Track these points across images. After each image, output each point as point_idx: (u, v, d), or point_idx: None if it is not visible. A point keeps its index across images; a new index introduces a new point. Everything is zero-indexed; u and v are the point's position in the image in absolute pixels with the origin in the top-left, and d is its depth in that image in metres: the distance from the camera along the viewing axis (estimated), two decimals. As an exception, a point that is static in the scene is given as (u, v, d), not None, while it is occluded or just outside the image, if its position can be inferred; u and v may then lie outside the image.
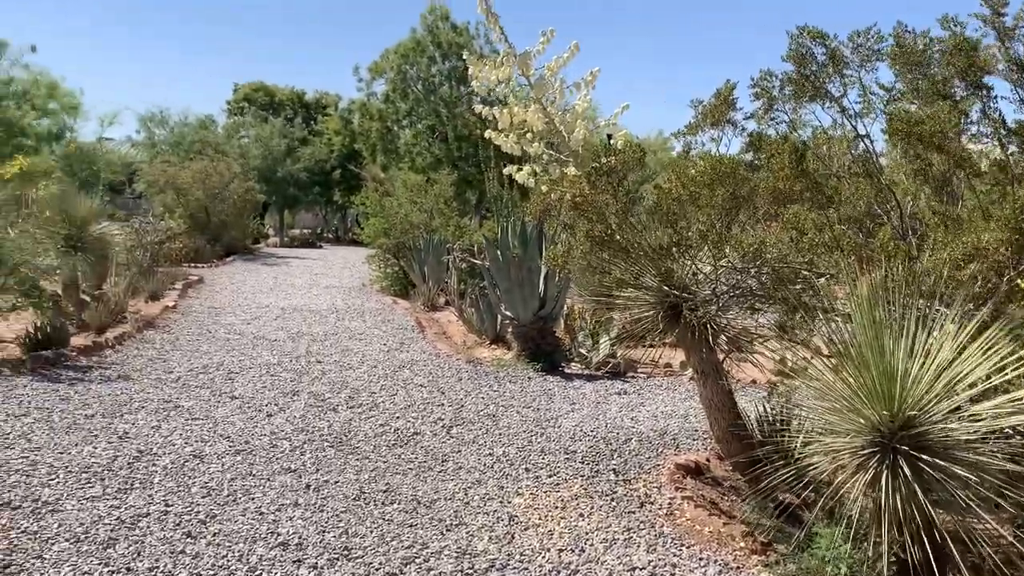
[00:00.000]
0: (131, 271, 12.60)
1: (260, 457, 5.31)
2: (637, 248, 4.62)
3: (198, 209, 21.98)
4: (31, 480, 4.68)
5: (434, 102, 24.74)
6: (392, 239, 15.71)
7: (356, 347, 9.60)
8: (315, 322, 11.46)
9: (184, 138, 29.12)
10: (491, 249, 9.20)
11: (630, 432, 6.20)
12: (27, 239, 7.53)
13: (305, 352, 9.12)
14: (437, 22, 24.66)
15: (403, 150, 25.61)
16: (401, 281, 15.69)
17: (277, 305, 13.09)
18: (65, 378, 7.22)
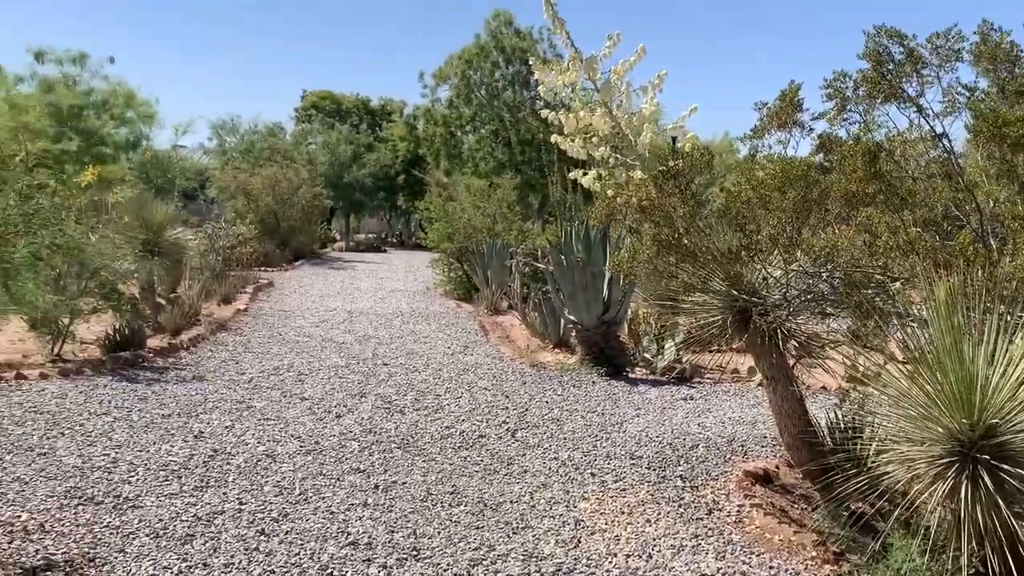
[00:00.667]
0: (204, 275, 12.99)
1: (330, 457, 5.42)
2: (705, 252, 4.58)
3: (268, 214, 22.51)
4: (112, 477, 4.86)
5: (497, 107, 24.88)
6: (455, 243, 15.85)
7: (421, 350, 9.72)
8: (381, 325, 11.63)
9: (254, 145, 29.88)
10: (555, 253, 9.21)
11: (697, 438, 6.13)
12: (107, 244, 7.83)
13: (372, 355, 9.26)
14: (501, 27, 24.80)
15: (467, 155, 25.81)
16: (464, 285, 15.81)
17: (344, 308, 13.33)
18: (143, 378, 7.48)
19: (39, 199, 3.66)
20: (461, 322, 12.35)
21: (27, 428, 5.69)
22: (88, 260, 7.32)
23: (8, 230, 3.56)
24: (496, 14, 24.83)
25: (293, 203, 23.28)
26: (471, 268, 15.46)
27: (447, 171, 26.31)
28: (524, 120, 24.39)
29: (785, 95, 4.89)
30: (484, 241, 15.20)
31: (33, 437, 5.50)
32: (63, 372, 7.33)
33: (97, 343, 8.55)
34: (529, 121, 24.19)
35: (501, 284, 14.50)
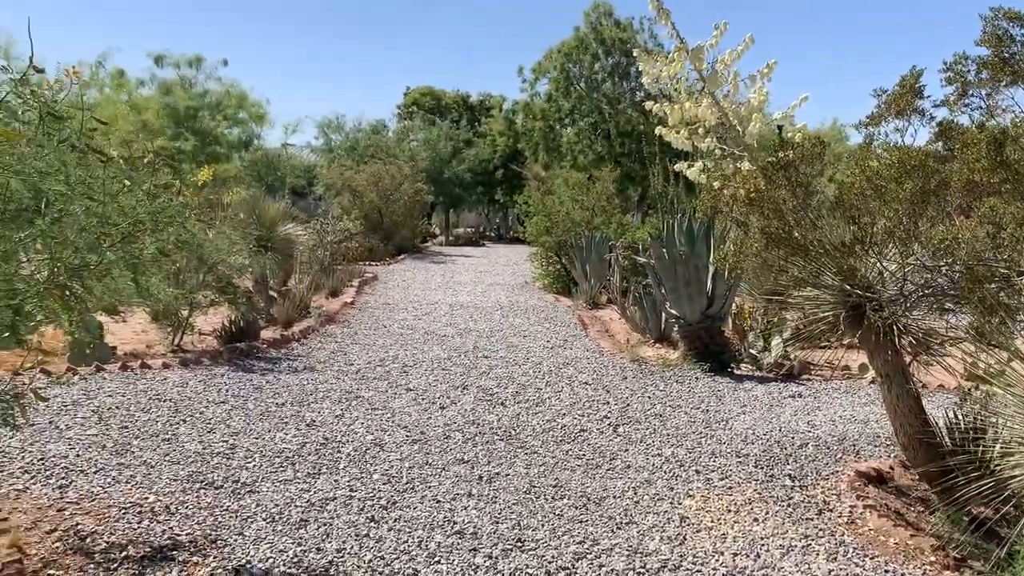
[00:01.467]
0: (313, 269, 13.43)
1: (435, 447, 5.53)
2: (817, 245, 4.44)
3: (372, 210, 23.09)
4: (231, 462, 5.09)
5: (597, 99, 24.77)
6: (554, 237, 15.86)
7: (521, 344, 9.78)
8: (481, 319, 11.76)
9: (358, 143, 30.67)
10: (656, 246, 9.10)
11: (806, 437, 5.96)
12: (223, 240, 8.18)
13: (472, 348, 9.38)
14: (601, 19, 24.68)
15: (565, 148, 25.81)
16: (563, 279, 15.81)
17: (445, 302, 13.54)
18: (257, 368, 7.80)
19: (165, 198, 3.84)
20: (560, 316, 12.36)
21: (152, 415, 6.02)
22: (206, 255, 7.68)
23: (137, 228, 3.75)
24: (596, 6, 24.72)
25: (396, 199, 23.81)
26: (570, 262, 15.44)
27: (545, 165, 26.39)
28: (624, 112, 24.22)
29: (905, 81, 4.67)
30: (583, 235, 15.16)
31: (157, 423, 5.82)
32: (183, 362, 7.72)
33: (214, 334, 8.96)
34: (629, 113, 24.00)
35: (600, 278, 14.42)
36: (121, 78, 21.35)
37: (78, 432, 5.49)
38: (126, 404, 6.23)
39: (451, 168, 31.50)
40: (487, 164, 33.77)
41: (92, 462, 4.93)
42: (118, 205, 3.60)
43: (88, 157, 3.56)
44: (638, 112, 23.83)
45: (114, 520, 4.12)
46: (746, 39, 4.52)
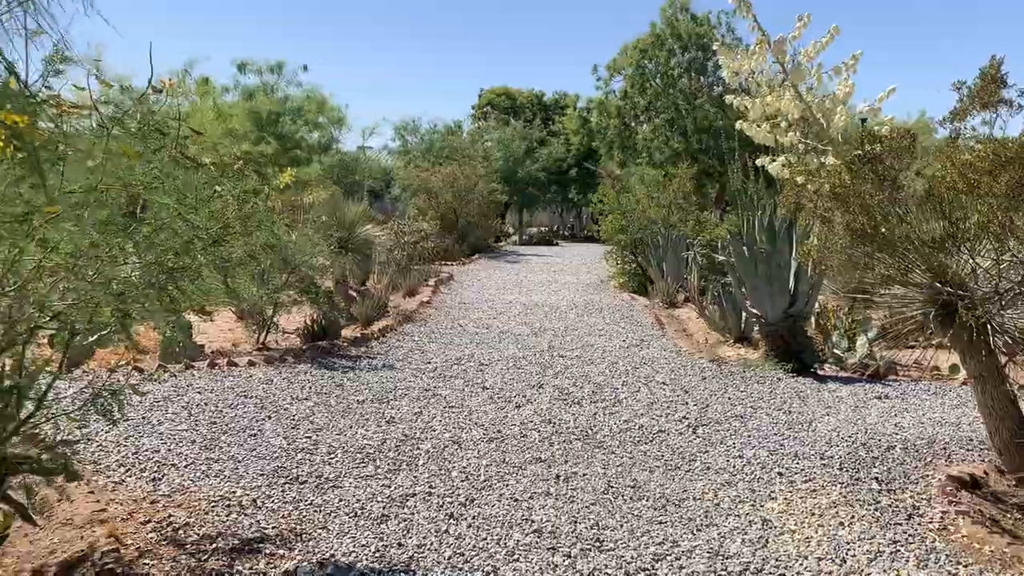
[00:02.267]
0: (391, 269, 13.66)
1: (512, 446, 5.56)
2: (905, 241, 4.30)
3: (447, 211, 23.35)
4: (314, 458, 5.23)
5: (673, 95, 24.49)
6: (629, 235, 15.75)
7: (596, 343, 9.75)
8: (555, 318, 11.77)
9: (434, 144, 31.03)
10: (736, 244, 8.95)
11: (893, 439, 5.78)
12: (306, 241, 8.40)
13: (547, 347, 9.40)
14: (677, 14, 24.39)
15: (641, 145, 25.61)
16: (638, 278, 15.69)
17: (520, 301, 13.59)
18: (338, 366, 7.99)
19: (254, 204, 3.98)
20: (636, 315, 12.26)
21: (239, 411, 6.23)
22: (290, 257, 7.90)
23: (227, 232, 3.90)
24: (672, 1, 24.43)
25: (470, 199, 24.00)
26: (645, 260, 15.31)
27: (620, 163, 26.22)
28: (701, 107, 23.87)
29: (985, 73, 4.49)
30: (659, 232, 15.02)
31: (244, 419, 6.02)
32: (268, 359, 7.96)
33: (297, 333, 9.21)
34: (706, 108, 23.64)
35: (677, 276, 14.27)
36: (206, 85, 22.10)
37: (169, 427, 5.73)
38: (214, 400, 6.46)
39: (525, 168, 31.58)
40: (561, 163, 33.74)
41: (183, 456, 5.14)
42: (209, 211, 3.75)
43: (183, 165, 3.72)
44: (716, 107, 23.48)
45: (204, 512, 4.28)
46: (831, 30, 4.41)
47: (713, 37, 23.55)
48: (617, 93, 26.90)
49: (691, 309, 12.53)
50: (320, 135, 25.88)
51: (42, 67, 3.35)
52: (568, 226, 40.93)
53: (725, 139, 17.77)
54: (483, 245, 24.96)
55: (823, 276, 8.15)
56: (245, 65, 23.73)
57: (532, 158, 32.25)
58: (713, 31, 23.95)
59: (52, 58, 3.37)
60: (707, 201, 22.28)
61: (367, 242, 12.26)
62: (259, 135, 21.44)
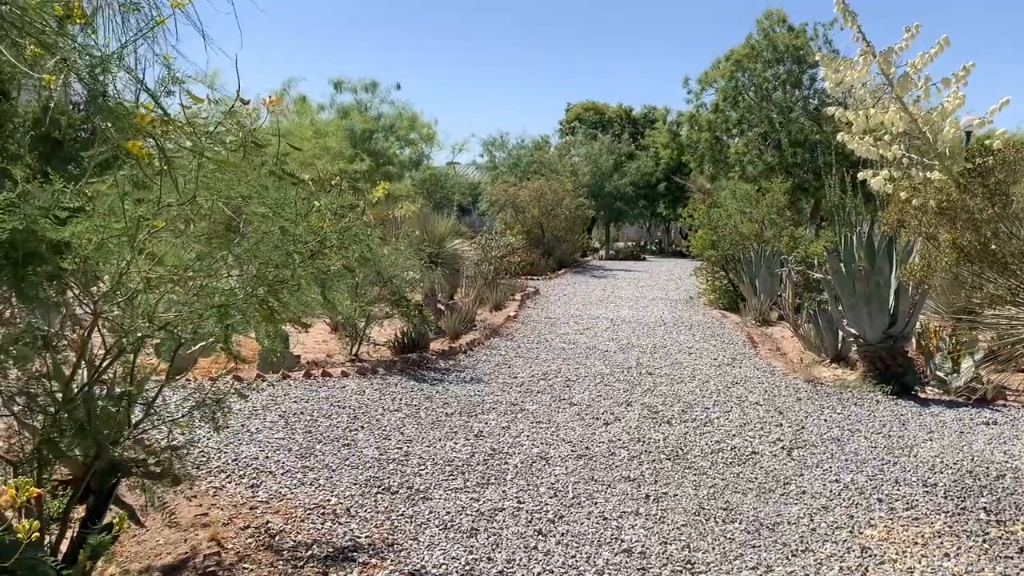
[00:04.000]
0: (478, 283, 13.79)
1: (600, 463, 5.52)
2: (1018, 259, 4.10)
3: (534, 225, 23.44)
4: (405, 469, 5.31)
5: (767, 108, 24.03)
6: (720, 251, 15.47)
7: (686, 361, 9.60)
8: (643, 334, 11.64)
9: (521, 159, 31.24)
10: (833, 261, 8.68)
11: (1003, 467, 5.49)
12: (398, 255, 8.56)
13: (635, 364, 9.30)
14: (773, 26, 23.99)
15: (733, 159, 25.21)
16: (730, 294, 15.37)
17: (606, 316, 13.51)
18: (428, 378, 8.10)
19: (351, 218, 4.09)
20: (727, 333, 12.03)
21: (333, 421, 6.38)
22: (382, 270, 8.07)
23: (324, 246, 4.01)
24: (768, 13, 24.12)
25: (557, 214, 24.03)
26: (737, 276, 14.99)
27: (711, 177, 25.86)
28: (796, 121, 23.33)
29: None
30: (751, 248, 14.70)
31: (338, 429, 6.16)
32: (360, 371, 8.13)
33: (387, 345, 9.39)
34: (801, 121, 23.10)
35: (770, 294, 13.92)
36: (304, 104, 22.85)
37: (267, 435, 5.91)
38: (309, 410, 6.64)
39: (612, 182, 31.46)
40: (649, 177, 33.49)
41: (280, 464, 5.29)
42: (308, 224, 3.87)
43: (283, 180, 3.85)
44: (811, 121, 22.93)
45: (300, 520, 4.40)
46: (940, 41, 4.25)
47: (809, 49, 23.04)
48: (708, 106, 26.57)
49: (785, 327, 12.20)
50: (411, 151, 26.39)
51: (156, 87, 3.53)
52: (656, 241, 40.51)
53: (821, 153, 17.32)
54: (569, 260, 24.93)
55: (925, 295, 7.83)
56: (341, 84, 24.45)
57: (620, 172, 32.11)
58: (810, 43, 23.43)
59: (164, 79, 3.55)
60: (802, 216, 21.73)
61: (455, 256, 12.42)
62: (353, 152, 22.02)
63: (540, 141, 35.12)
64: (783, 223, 14.89)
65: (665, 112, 37.29)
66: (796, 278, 12.78)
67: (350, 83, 24.51)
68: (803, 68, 23.45)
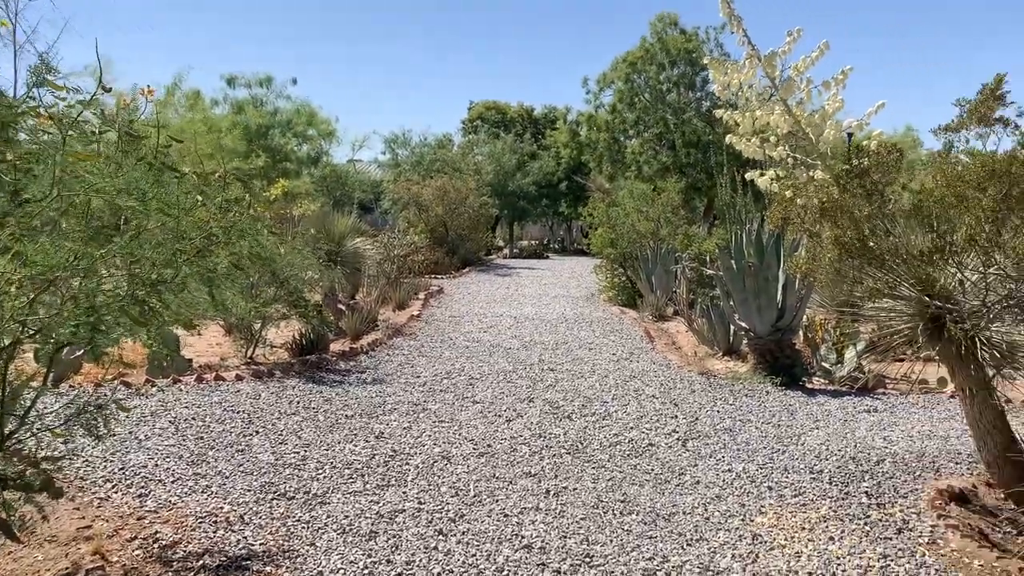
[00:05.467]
0: (380, 282, 13.60)
1: (502, 460, 5.51)
2: (893, 255, 4.29)
3: (437, 224, 23.32)
4: (302, 473, 5.16)
5: (661, 109, 24.60)
6: (618, 249, 15.75)
7: (586, 356, 9.71)
8: (546, 331, 11.72)
9: (424, 157, 31.04)
10: (724, 257, 8.94)
11: (883, 453, 5.75)
12: (295, 255, 8.34)
13: (538, 360, 9.35)
14: (666, 29, 24.55)
15: (630, 159, 25.70)
16: (628, 291, 15.67)
17: (510, 314, 13.55)
18: (327, 380, 7.92)
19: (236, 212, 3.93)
20: (625, 328, 12.24)
21: (227, 426, 6.15)
22: (278, 270, 7.84)
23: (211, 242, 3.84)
24: (661, 16, 24.64)
25: (461, 212, 23.99)
26: (635, 274, 15.30)
27: (610, 176, 26.30)
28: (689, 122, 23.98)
29: (986, 88, 4.50)
30: (648, 246, 15.02)
31: (232, 435, 5.94)
32: (256, 374, 7.88)
33: (285, 347, 9.14)
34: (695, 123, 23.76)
35: (666, 290, 14.26)
36: (196, 98, 22.05)
37: (156, 443, 5.65)
38: (201, 415, 6.39)
39: (515, 181, 31.64)
40: (551, 176, 33.83)
41: (170, 472, 5.06)
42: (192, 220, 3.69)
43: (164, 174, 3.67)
44: (704, 122, 23.62)
45: (191, 529, 4.21)
46: (820, 45, 4.41)
47: (702, 52, 23.71)
48: (607, 107, 27.01)
49: (680, 322, 12.52)
50: (310, 148, 25.86)
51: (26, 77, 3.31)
52: (559, 239, 40.99)
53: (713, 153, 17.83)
54: (474, 258, 24.93)
55: (811, 290, 8.15)
56: (234, 79, 23.74)
57: (523, 171, 32.33)
58: (702, 46, 24.10)
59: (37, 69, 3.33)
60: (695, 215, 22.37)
61: (357, 255, 12.20)
62: (249, 148, 21.39)
63: (443, 139, 34.96)
64: (678, 221, 15.27)
65: (565, 112, 37.75)
66: (690, 274, 13.12)
67: (244, 78, 23.84)
68: (696, 70, 24.12)
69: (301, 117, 24.63)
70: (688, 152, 24.28)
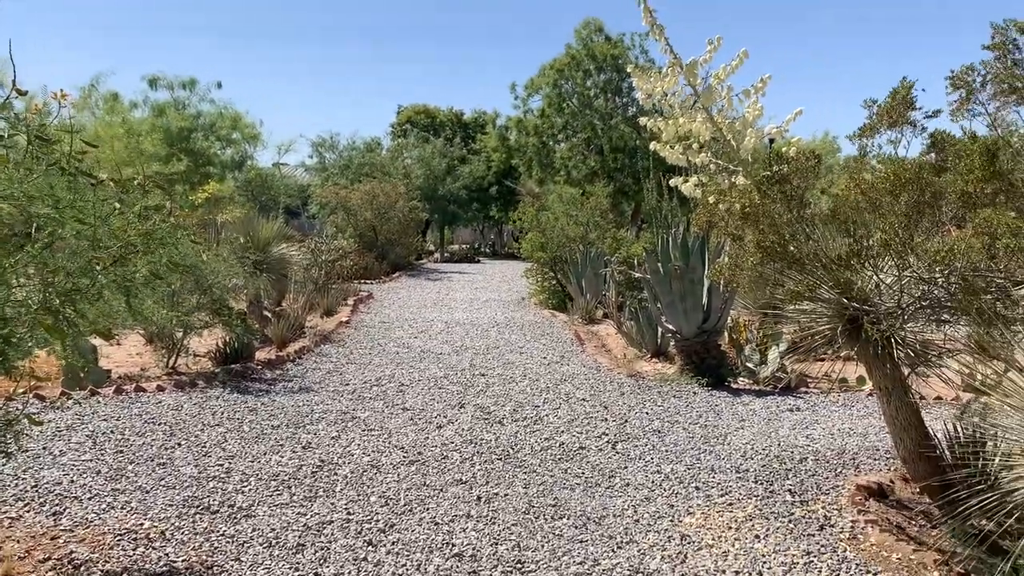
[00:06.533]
0: (308, 288, 13.38)
1: (432, 468, 5.47)
2: (813, 259, 4.42)
3: (366, 228, 23.07)
4: (226, 486, 5.03)
5: (589, 115, 24.88)
6: (549, 253, 15.84)
7: (517, 360, 9.73)
8: (477, 336, 11.71)
9: (352, 161, 30.68)
10: (651, 261, 9.08)
11: (805, 451, 5.92)
12: (219, 262, 8.14)
13: (469, 365, 9.33)
14: (591, 35, 24.82)
15: (559, 164, 25.90)
16: (559, 295, 15.78)
17: (441, 319, 13.49)
18: (252, 390, 7.74)
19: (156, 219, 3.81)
20: (556, 332, 12.32)
21: (147, 439, 5.96)
22: (202, 277, 7.64)
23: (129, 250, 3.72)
24: (586, 22, 24.91)
25: (390, 217, 23.79)
26: (565, 277, 15.41)
27: (540, 180, 26.46)
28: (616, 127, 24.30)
29: (897, 92, 4.67)
30: (577, 250, 15.15)
31: (152, 447, 5.76)
32: (178, 384, 7.65)
33: (209, 356, 8.90)
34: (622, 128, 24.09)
35: (596, 293, 14.40)
36: (115, 101, 21.34)
37: (72, 458, 5.43)
38: (121, 428, 6.17)
39: (446, 185, 31.56)
40: (481, 181, 33.85)
41: (87, 488, 4.87)
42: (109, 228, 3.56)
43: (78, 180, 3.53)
44: (631, 127, 23.96)
45: (109, 547, 4.06)
46: (740, 54, 4.51)
47: (628, 59, 24.06)
48: (535, 112, 27.17)
49: (610, 325, 12.66)
50: (234, 151, 25.30)
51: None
52: (490, 243, 41.05)
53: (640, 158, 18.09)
54: (404, 263, 24.76)
55: (735, 292, 8.34)
56: (156, 80, 23.05)
57: (453, 176, 32.26)
58: (628, 52, 24.46)
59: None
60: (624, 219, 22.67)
61: (283, 261, 11.98)
62: (170, 152, 20.81)
63: (372, 143, 34.65)
64: (606, 225, 15.46)
65: (495, 117, 37.80)
66: (619, 278, 13.29)
67: (166, 79, 23.16)
68: (622, 76, 24.46)
69: (225, 120, 24.08)
70: (616, 157, 24.60)
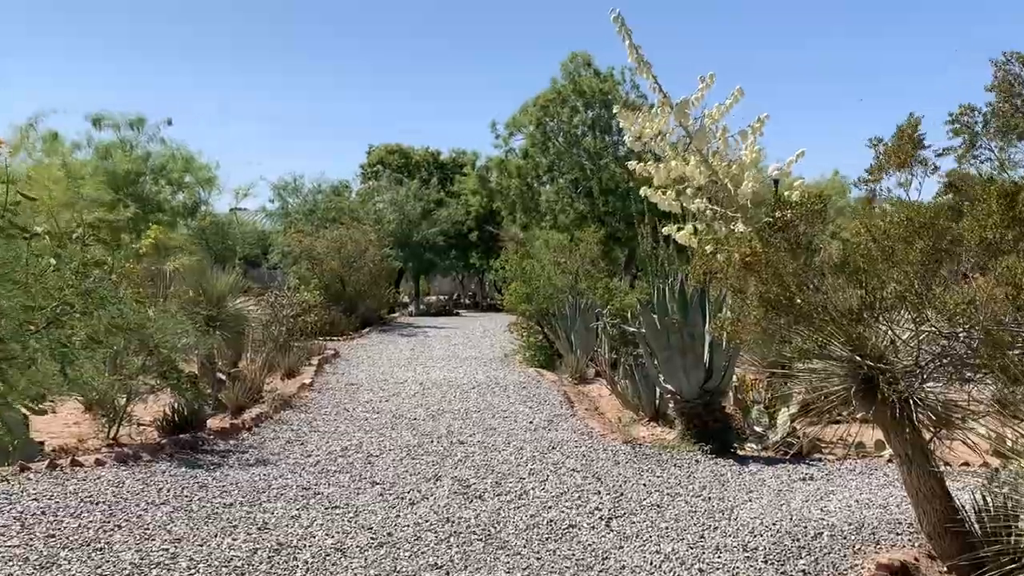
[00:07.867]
0: (267, 347, 13.30)
1: (404, 551, 5.38)
2: (822, 312, 4.44)
3: (333, 279, 23.06)
4: (172, 574, 4.92)
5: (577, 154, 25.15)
6: (535, 305, 15.87)
7: (500, 426, 9.67)
8: (455, 398, 11.65)
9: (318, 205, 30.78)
10: (647, 314, 9.10)
11: (820, 525, 5.87)
12: (167, 319, 8.09)
13: (446, 432, 9.26)
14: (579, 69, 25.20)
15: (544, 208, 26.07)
16: (545, 351, 15.76)
17: (416, 380, 13.43)
18: (203, 463, 7.63)
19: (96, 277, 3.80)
20: (543, 393, 12.27)
21: (83, 520, 5.84)
22: (147, 337, 7.58)
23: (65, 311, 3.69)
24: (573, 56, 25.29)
25: (360, 266, 23.81)
26: (552, 332, 15.42)
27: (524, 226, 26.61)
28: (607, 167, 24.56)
29: (903, 131, 4.75)
30: (566, 301, 15.19)
31: (89, 530, 5.64)
32: (120, 457, 7.53)
33: (155, 425, 8.79)
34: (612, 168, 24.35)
35: (587, 349, 14.40)
36: (54, 141, 21.40)
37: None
38: (53, 508, 6.05)
39: (421, 230, 31.67)
40: (460, 226, 34.01)
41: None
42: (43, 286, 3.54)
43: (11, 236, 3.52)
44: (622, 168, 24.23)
45: (34, 649, 3.95)
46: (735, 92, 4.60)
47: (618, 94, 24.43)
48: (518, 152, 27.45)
49: (602, 385, 12.63)
50: (187, 196, 25.35)
51: None
52: (470, 294, 41.10)
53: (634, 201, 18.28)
54: (375, 317, 24.71)
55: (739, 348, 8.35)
56: (100, 119, 23.15)
57: (429, 220, 32.40)
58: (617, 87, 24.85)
59: None
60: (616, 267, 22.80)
61: (239, 317, 11.90)
62: (115, 197, 20.82)
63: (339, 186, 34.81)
64: (598, 274, 15.54)
65: (474, 157, 38.18)
66: (612, 331, 13.30)
67: (111, 118, 23.26)
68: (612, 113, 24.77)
69: (177, 162, 24.19)
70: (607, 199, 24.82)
